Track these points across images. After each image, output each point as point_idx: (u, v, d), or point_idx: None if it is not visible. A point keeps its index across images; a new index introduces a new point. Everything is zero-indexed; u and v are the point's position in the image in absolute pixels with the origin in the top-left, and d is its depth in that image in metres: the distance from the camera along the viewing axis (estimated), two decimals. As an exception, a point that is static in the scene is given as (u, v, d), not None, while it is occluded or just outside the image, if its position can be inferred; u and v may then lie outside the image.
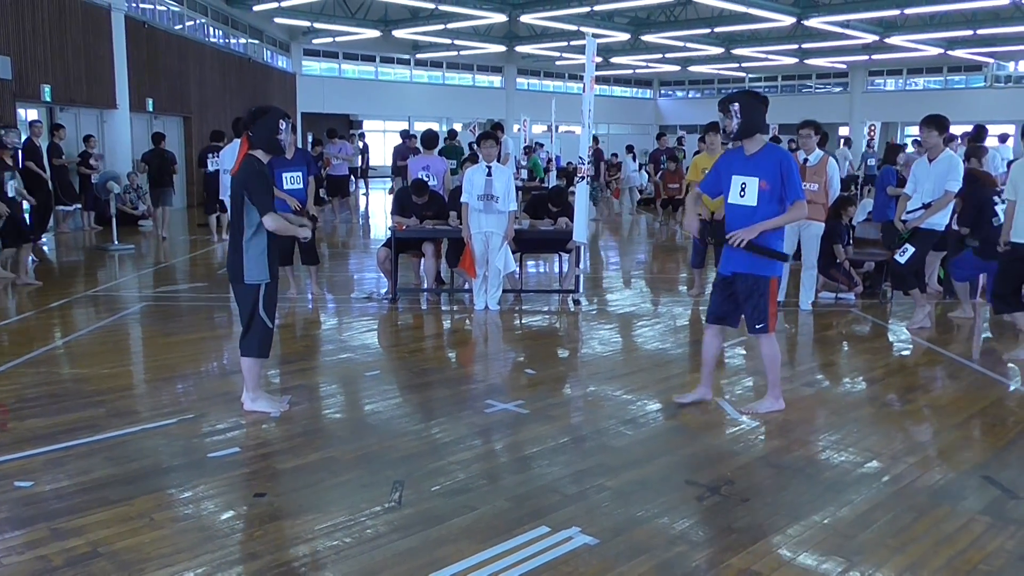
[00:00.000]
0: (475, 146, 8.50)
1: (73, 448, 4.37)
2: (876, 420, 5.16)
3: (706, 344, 5.28)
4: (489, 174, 7.84)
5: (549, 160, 21.48)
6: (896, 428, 5.04)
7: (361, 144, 20.57)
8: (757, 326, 4.95)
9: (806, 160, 7.99)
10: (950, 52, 28.85)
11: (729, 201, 4.94)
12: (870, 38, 25.86)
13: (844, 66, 34.82)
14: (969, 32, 25.33)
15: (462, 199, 7.97)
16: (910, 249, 7.23)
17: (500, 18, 23.71)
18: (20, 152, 9.30)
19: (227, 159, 10.38)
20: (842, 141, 22.84)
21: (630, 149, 21.53)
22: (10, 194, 8.85)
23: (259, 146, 4.79)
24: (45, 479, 3.97)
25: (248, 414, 4.99)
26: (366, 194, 20.08)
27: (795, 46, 28.67)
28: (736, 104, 4.74)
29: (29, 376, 5.82)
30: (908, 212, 7.35)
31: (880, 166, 12.64)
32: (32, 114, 16.96)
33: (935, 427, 5.07)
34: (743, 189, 4.82)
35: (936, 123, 7.14)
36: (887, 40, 26.14)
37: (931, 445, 4.77)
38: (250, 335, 4.90)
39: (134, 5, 17.25)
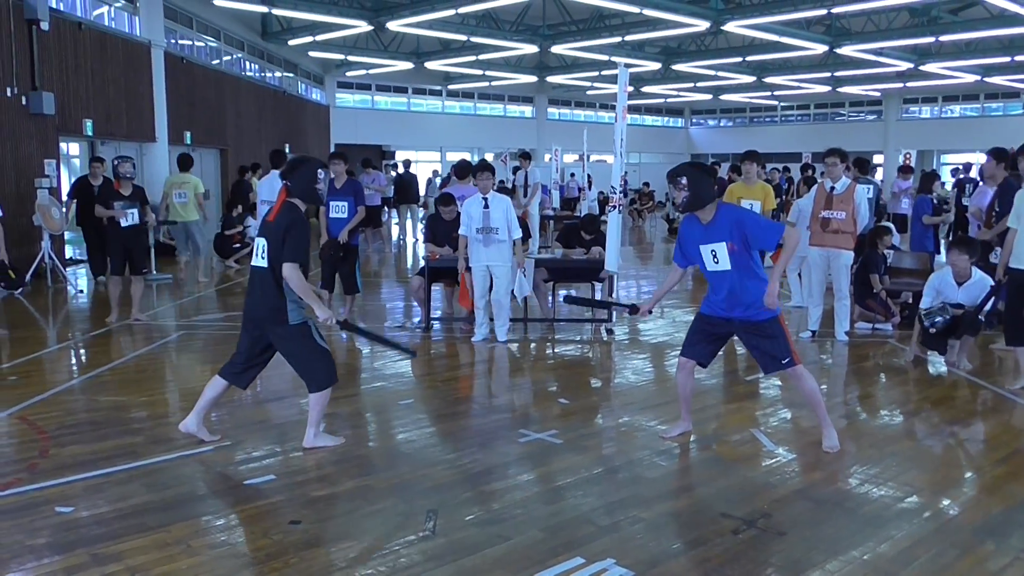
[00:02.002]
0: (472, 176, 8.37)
1: (112, 475, 4.43)
2: (916, 454, 5.07)
3: (681, 384, 5.19)
4: (486, 206, 7.78)
5: (580, 189, 21.53)
6: (937, 462, 4.95)
7: (394, 174, 20.73)
8: (784, 361, 4.84)
9: (832, 188, 7.93)
10: (987, 79, 28.55)
11: (707, 269, 4.85)
12: (904, 66, 25.70)
13: (878, 94, 34.59)
14: (1006, 59, 25.07)
15: (460, 231, 7.93)
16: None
17: (531, 49, 23.91)
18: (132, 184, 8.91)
19: (264, 190, 10.55)
20: (873, 170, 22.61)
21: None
22: (125, 224, 8.61)
23: (297, 195, 4.78)
24: (85, 505, 4.02)
25: (293, 445, 5.02)
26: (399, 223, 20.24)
27: (828, 74, 28.57)
28: (683, 178, 4.70)
29: (70, 403, 5.92)
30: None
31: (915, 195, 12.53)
32: (75, 148, 17.41)
33: (978, 461, 4.97)
34: (715, 256, 4.76)
35: None
36: (922, 67, 25.96)
37: (974, 480, 4.67)
38: (314, 368, 4.79)
39: (173, 41, 17.66)
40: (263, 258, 4.69)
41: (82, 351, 7.87)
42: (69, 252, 14.20)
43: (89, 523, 3.82)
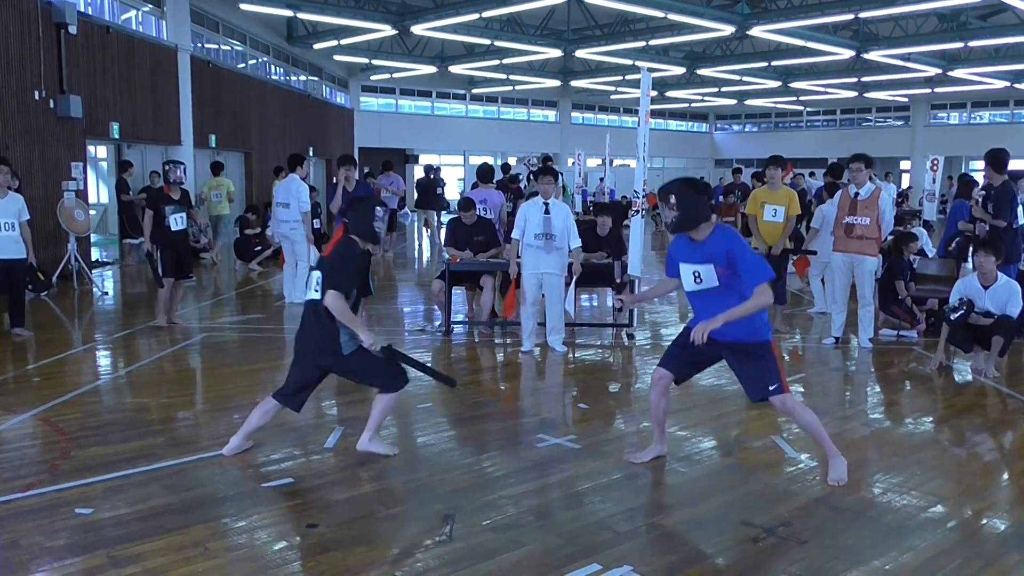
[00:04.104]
0: (533, 180, 8.31)
1: (132, 476, 4.46)
2: (941, 462, 4.99)
3: (655, 403, 4.79)
4: (547, 211, 7.59)
5: (595, 193, 21.44)
6: (962, 471, 4.87)
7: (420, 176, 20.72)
8: (771, 387, 4.42)
9: (857, 194, 7.85)
10: (1016, 85, 28.16)
11: (687, 289, 4.54)
12: (932, 71, 25.41)
13: (905, 99, 34.24)
14: (1036, 64, 24.77)
15: (513, 235, 7.75)
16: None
17: (555, 53, 23.90)
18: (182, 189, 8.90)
19: (281, 194, 10.61)
20: (887, 176, 22.37)
21: None
22: (174, 228, 8.65)
23: (355, 233, 4.79)
24: (105, 506, 4.05)
25: (312, 448, 5.02)
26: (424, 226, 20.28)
27: (854, 79, 28.33)
28: (672, 197, 4.35)
29: (92, 405, 5.97)
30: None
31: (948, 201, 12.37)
32: (102, 151, 17.61)
33: (1004, 471, 4.89)
34: (697, 277, 4.43)
35: None
36: (950, 73, 25.66)
37: (1000, 490, 4.59)
38: (381, 375, 4.76)
39: (199, 45, 17.83)
40: (316, 290, 4.65)
41: (106, 353, 7.94)
42: (95, 254, 14.36)
43: (108, 525, 3.84)
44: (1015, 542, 3.82)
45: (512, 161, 23.99)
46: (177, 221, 8.68)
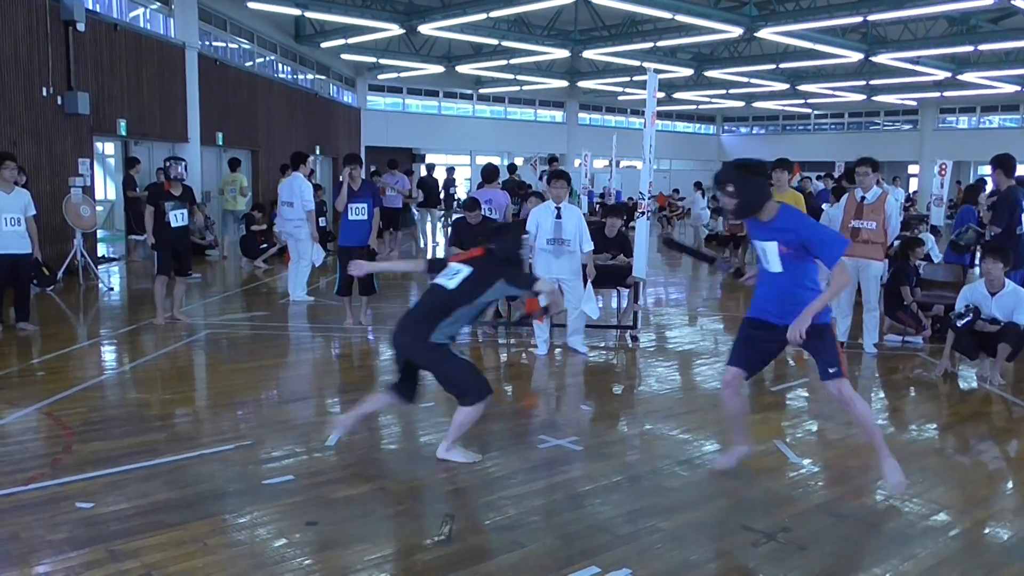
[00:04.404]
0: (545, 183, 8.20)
1: (134, 471, 4.46)
2: (944, 470, 4.97)
3: (730, 403, 4.66)
4: (558, 216, 7.53)
5: (632, 199, 21.38)
6: (965, 479, 4.85)
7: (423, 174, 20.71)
8: (831, 370, 4.35)
9: (863, 198, 7.82)
10: (1026, 90, 28.08)
11: (760, 265, 4.51)
12: (941, 75, 25.31)
13: (914, 103, 34.14)
14: (1046, 70, 24.65)
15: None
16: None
17: (562, 54, 23.88)
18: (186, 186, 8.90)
19: (285, 192, 10.63)
20: (894, 180, 22.27)
21: (699, 186, 21.20)
22: (173, 224, 8.63)
23: (501, 256, 4.81)
24: (105, 501, 4.05)
25: (313, 446, 5.03)
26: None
27: (863, 82, 28.25)
28: (729, 184, 4.27)
29: (95, 400, 5.98)
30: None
31: (957, 207, 12.29)
32: (109, 148, 17.65)
33: (1008, 480, 4.87)
34: (765, 254, 4.40)
35: None
36: (960, 77, 25.57)
37: (1003, 499, 4.57)
38: (466, 383, 4.68)
39: (207, 43, 17.86)
40: (452, 280, 4.67)
41: (110, 348, 7.96)
42: (102, 250, 14.39)
43: (108, 519, 3.85)
44: (1018, 552, 3.80)
45: (518, 161, 23.96)
46: (177, 217, 8.65)
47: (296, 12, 19.11)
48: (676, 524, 3.98)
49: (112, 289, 11.44)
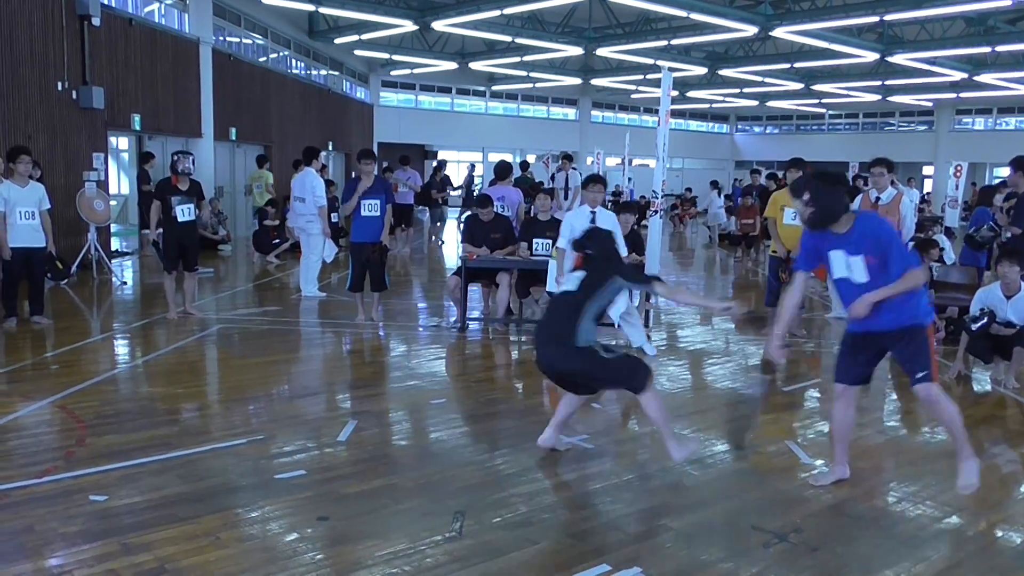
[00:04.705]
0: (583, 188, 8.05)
1: (146, 465, 4.49)
2: (957, 473, 4.93)
3: (839, 418, 4.54)
4: (593, 220, 7.30)
5: (644, 199, 21.32)
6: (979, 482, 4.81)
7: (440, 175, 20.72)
8: (919, 375, 4.24)
9: (878, 199, 7.79)
10: (1043, 91, 27.85)
11: (835, 276, 4.37)
12: (958, 76, 25.13)
13: (930, 104, 33.92)
14: (1064, 71, 24.45)
15: (558, 244, 7.52)
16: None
17: (576, 51, 23.84)
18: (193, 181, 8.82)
19: (297, 188, 10.65)
20: (909, 181, 22.15)
21: (715, 185, 21.08)
22: (181, 219, 8.59)
23: (600, 257, 4.89)
24: (119, 494, 4.08)
25: (325, 441, 5.04)
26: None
27: (878, 82, 28.09)
28: (806, 193, 4.21)
29: (108, 393, 6.02)
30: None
31: (972, 208, 12.18)
32: (123, 143, 17.74)
33: (1021, 483, 4.84)
34: (849, 266, 4.25)
35: None
36: (976, 78, 25.39)
37: (1016, 502, 4.54)
38: (624, 377, 4.64)
39: (221, 38, 17.92)
40: (573, 284, 4.76)
41: (124, 342, 8.00)
42: (115, 244, 14.47)
43: (122, 512, 3.87)
44: (1031, 554, 3.78)
45: (531, 159, 23.96)
46: (184, 212, 8.62)
47: (310, 8, 19.15)
48: (687, 523, 3.97)
49: (125, 283, 11.50)
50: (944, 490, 4.53)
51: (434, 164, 19.18)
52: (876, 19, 18.79)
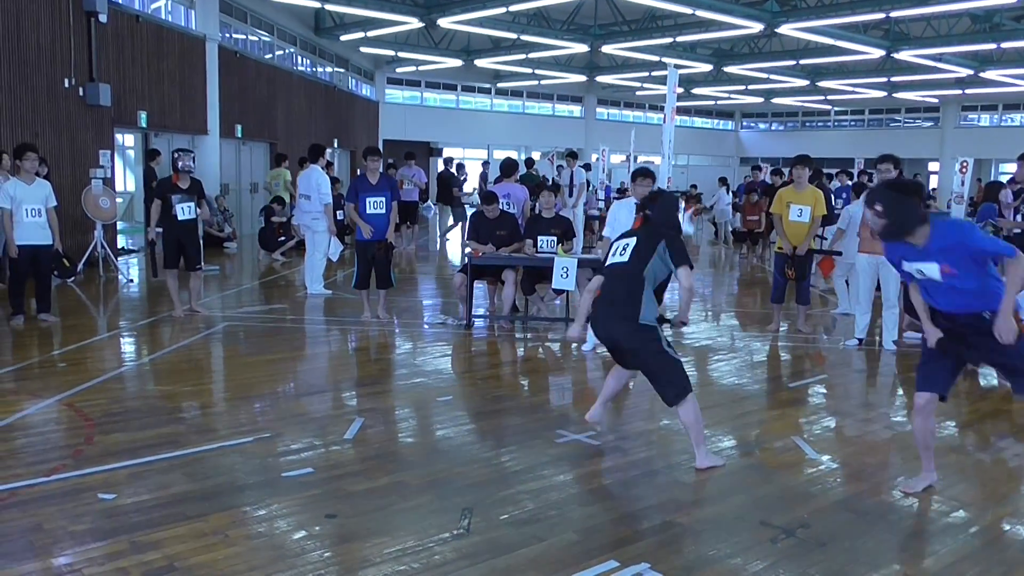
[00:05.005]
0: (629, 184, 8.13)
1: (155, 463, 4.50)
2: (964, 467, 4.94)
3: (919, 428, 4.34)
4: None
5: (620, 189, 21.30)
6: (986, 476, 4.81)
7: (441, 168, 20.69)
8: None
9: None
10: (1049, 87, 27.75)
11: (916, 279, 4.21)
12: (964, 72, 25.06)
13: (935, 100, 33.81)
14: (1070, 67, 24.37)
15: (604, 233, 7.78)
16: None
17: (581, 48, 23.81)
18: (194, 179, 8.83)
19: (303, 185, 10.66)
20: (915, 177, 22.08)
21: (723, 181, 21.02)
22: (180, 217, 8.59)
23: (659, 223, 4.89)
24: (127, 492, 4.09)
25: (332, 439, 5.06)
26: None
27: (884, 79, 28.00)
28: (879, 205, 4.01)
29: (116, 391, 6.04)
30: None
31: (977, 205, 12.11)
32: (129, 140, 17.77)
33: (1029, 477, 4.82)
34: (922, 273, 4.10)
35: None
36: (982, 74, 25.30)
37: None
38: (668, 379, 4.63)
39: (228, 35, 17.94)
40: (624, 255, 4.79)
41: (130, 340, 8.02)
42: (121, 242, 14.51)
43: (130, 510, 3.88)
44: (1039, 550, 3.77)
45: (536, 156, 23.93)
46: (184, 211, 8.62)
47: (316, 4, 19.14)
48: (694, 519, 3.97)
49: (132, 281, 11.54)
50: (951, 485, 4.53)
51: (456, 163, 19.11)
52: (882, 16, 18.72)
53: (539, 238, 8.57)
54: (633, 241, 4.81)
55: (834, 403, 6.42)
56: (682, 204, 8.38)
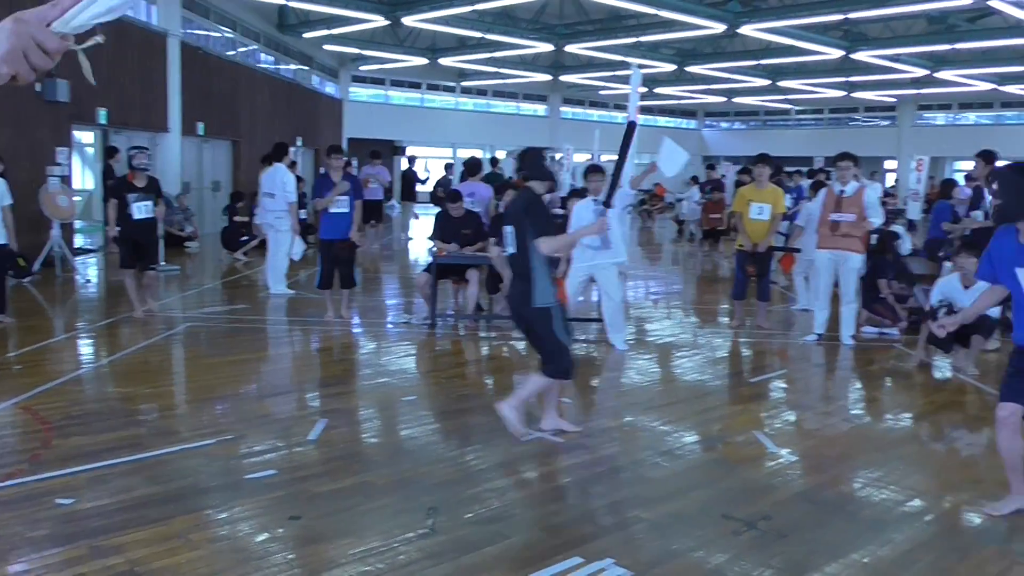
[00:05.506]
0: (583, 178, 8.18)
1: (115, 466, 4.44)
2: (919, 457, 5.05)
3: (1007, 446, 4.03)
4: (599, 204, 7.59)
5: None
6: (940, 466, 4.93)
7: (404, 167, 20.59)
8: None
9: (842, 191, 7.92)
10: (1002, 87, 28.34)
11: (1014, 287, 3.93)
12: (920, 72, 25.54)
13: (893, 99, 34.40)
14: (1022, 68, 24.91)
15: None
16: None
17: (546, 48, 23.87)
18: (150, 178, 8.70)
19: (267, 183, 10.56)
20: (872, 175, 22.48)
21: (696, 180, 21.14)
22: (136, 216, 8.42)
23: (533, 179, 5.09)
24: (87, 496, 4.03)
25: (296, 440, 5.03)
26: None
27: (843, 79, 28.43)
28: (995, 183, 3.89)
29: (74, 394, 5.94)
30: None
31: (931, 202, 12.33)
32: (88, 137, 17.47)
33: (981, 466, 4.94)
34: None
35: None
36: (937, 74, 25.80)
37: (977, 484, 4.64)
38: (552, 359, 4.92)
39: (189, 31, 17.71)
40: (510, 245, 4.97)
41: (89, 341, 7.90)
42: (79, 241, 14.26)
43: (90, 515, 3.83)
44: (991, 535, 3.88)
45: (500, 154, 23.91)
46: (140, 210, 8.47)
47: (280, 1, 18.98)
48: (658, 514, 4.02)
49: (89, 281, 11.35)
50: (907, 475, 4.64)
51: (424, 161, 19.19)
52: (841, 17, 19.03)
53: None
54: (510, 228, 4.99)
55: (794, 397, 6.52)
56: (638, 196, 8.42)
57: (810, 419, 5.80)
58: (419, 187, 18.77)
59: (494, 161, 18.26)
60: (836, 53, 22.68)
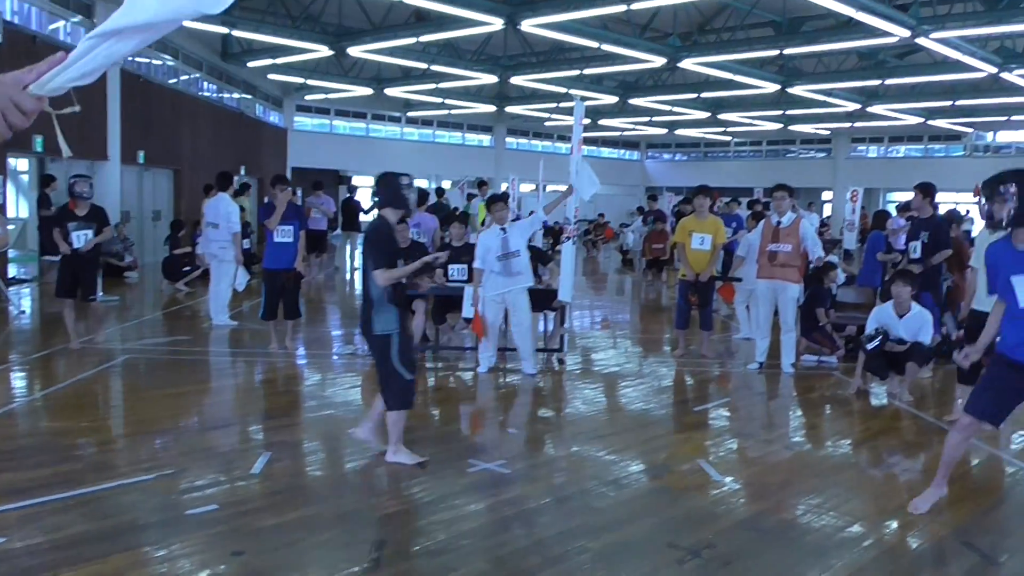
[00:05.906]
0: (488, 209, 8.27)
1: (48, 503, 4.30)
2: (858, 484, 5.16)
3: (953, 446, 4.34)
4: (505, 239, 7.63)
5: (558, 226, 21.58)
6: (878, 492, 5.05)
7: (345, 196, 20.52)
8: None
9: (779, 223, 8.12)
10: (930, 122, 29.48)
11: (1021, 306, 3.97)
12: (852, 106, 26.43)
13: (827, 132, 35.47)
14: (948, 103, 26.00)
15: (475, 265, 7.76)
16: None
17: (491, 79, 24.10)
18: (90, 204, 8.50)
19: (211, 213, 10.43)
20: (809, 205, 23.14)
21: (640, 211, 21.43)
22: (76, 245, 8.23)
23: (385, 206, 5.14)
24: (18, 535, 3.90)
25: (238, 474, 4.94)
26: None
27: (779, 112, 29.25)
28: (1011, 186, 3.85)
29: (6, 428, 5.76)
30: None
31: (865, 233, 12.71)
32: (23, 164, 17.04)
33: (917, 491, 5.06)
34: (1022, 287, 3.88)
35: None
36: (869, 109, 26.73)
37: (913, 511, 4.76)
38: (389, 388, 5.03)
39: (130, 59, 17.46)
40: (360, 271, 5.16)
41: (22, 374, 7.67)
42: (12, 271, 13.86)
43: (21, 554, 3.70)
44: (928, 559, 3.98)
45: (446, 185, 23.98)
46: (80, 239, 8.29)
47: (223, 30, 18.82)
48: (604, 544, 4.04)
49: (24, 312, 11.03)
50: (846, 500, 4.74)
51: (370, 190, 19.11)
52: (777, 52, 19.63)
53: (451, 267, 8.59)
54: (361, 257, 5.20)
55: (737, 425, 6.62)
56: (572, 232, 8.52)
57: (753, 447, 5.90)
58: (362, 216, 18.67)
59: (440, 192, 18.32)
60: (773, 87, 23.36)
